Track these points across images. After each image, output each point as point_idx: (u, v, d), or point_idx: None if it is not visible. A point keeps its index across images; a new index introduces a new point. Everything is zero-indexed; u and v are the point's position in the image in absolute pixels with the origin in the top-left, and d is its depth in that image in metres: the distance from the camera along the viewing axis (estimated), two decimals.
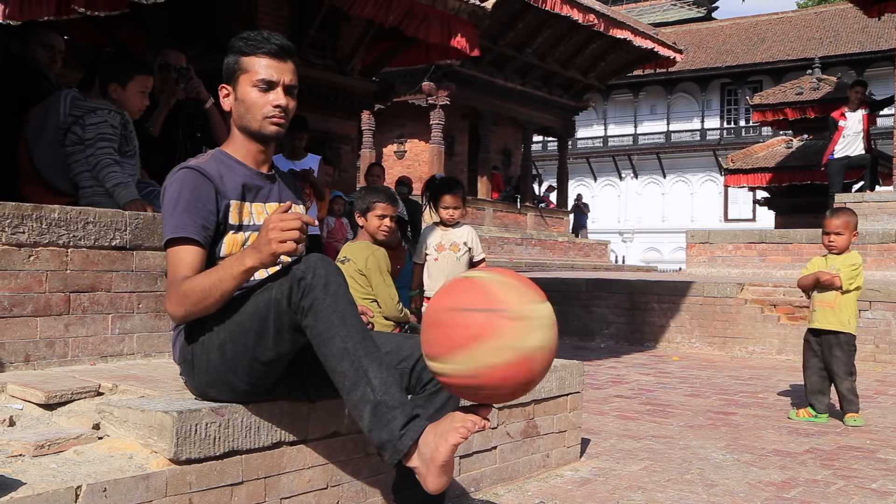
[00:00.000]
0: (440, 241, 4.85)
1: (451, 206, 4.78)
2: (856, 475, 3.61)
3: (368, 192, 4.37)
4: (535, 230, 22.50)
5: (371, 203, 4.23)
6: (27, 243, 2.90)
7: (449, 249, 4.82)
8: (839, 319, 4.79)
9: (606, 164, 41.31)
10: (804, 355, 4.97)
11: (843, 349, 4.78)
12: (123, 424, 2.29)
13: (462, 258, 4.82)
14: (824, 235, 4.90)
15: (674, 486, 3.37)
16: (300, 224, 2.15)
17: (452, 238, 4.84)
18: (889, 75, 20.94)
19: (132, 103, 4.13)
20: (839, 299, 4.78)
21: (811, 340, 4.92)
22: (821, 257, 4.99)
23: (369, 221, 4.24)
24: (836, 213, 4.94)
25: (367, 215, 4.24)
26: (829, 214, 4.94)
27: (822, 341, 4.85)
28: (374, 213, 4.21)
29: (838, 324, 4.79)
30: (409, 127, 22.02)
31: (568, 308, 9.19)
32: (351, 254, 4.21)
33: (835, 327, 4.79)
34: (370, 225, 4.23)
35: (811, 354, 4.91)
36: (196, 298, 2.25)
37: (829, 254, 4.91)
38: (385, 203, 4.22)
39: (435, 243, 4.86)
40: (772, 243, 10.48)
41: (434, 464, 2.06)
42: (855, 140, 11.88)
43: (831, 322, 4.80)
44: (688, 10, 42.79)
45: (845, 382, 4.77)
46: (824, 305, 4.81)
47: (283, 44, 2.44)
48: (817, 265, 4.94)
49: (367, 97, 10.68)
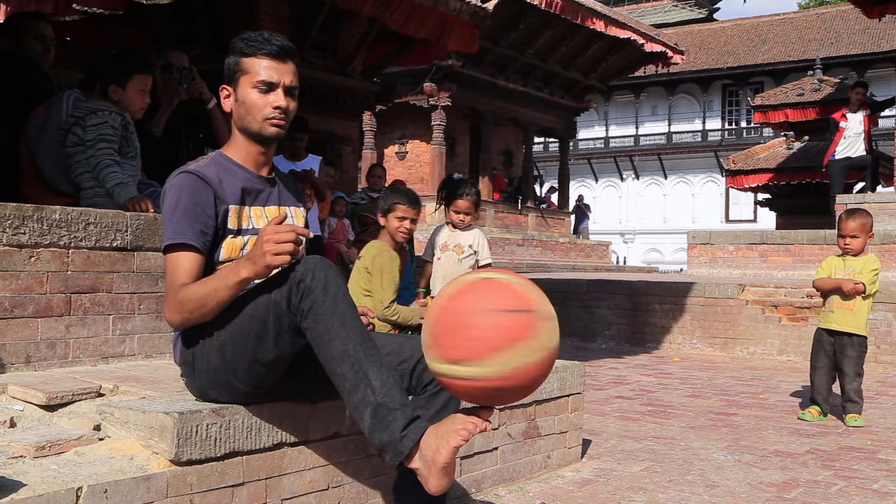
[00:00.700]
0: (446, 240, 4.82)
1: (463, 210, 4.71)
2: (857, 476, 3.60)
3: (391, 193, 4.29)
4: (536, 231, 22.49)
5: (392, 204, 4.17)
6: (28, 244, 2.90)
7: (452, 250, 4.78)
8: (857, 322, 4.79)
9: (608, 165, 41.30)
10: (815, 355, 4.93)
11: (856, 350, 4.78)
12: (124, 425, 2.29)
13: (465, 260, 4.78)
14: (840, 238, 4.86)
15: (675, 486, 3.37)
16: (294, 236, 2.14)
17: (458, 239, 4.80)
18: (890, 76, 20.93)
19: (133, 103, 4.13)
20: (859, 303, 4.77)
21: (825, 340, 4.88)
22: (836, 257, 4.95)
23: (389, 222, 4.18)
24: (851, 214, 4.87)
25: (388, 216, 4.18)
26: (844, 216, 4.87)
27: (836, 341, 4.83)
28: (394, 215, 4.16)
29: (856, 326, 4.79)
30: (411, 128, 22.02)
31: (569, 309, 9.19)
32: (365, 251, 4.20)
33: (852, 329, 4.79)
34: (389, 225, 4.18)
35: (823, 354, 4.88)
36: (193, 306, 2.26)
37: (847, 255, 4.87)
38: (406, 205, 4.15)
39: (441, 242, 4.83)
40: (773, 244, 10.47)
41: (436, 465, 2.06)
42: (856, 141, 11.88)
43: (850, 324, 4.79)
44: (689, 11, 42.81)
45: (853, 383, 4.77)
46: (844, 308, 4.79)
47: (284, 45, 2.44)
48: (833, 265, 4.91)
49: (368, 98, 10.69)
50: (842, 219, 4.87)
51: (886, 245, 9.33)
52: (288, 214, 2.57)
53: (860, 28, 34.13)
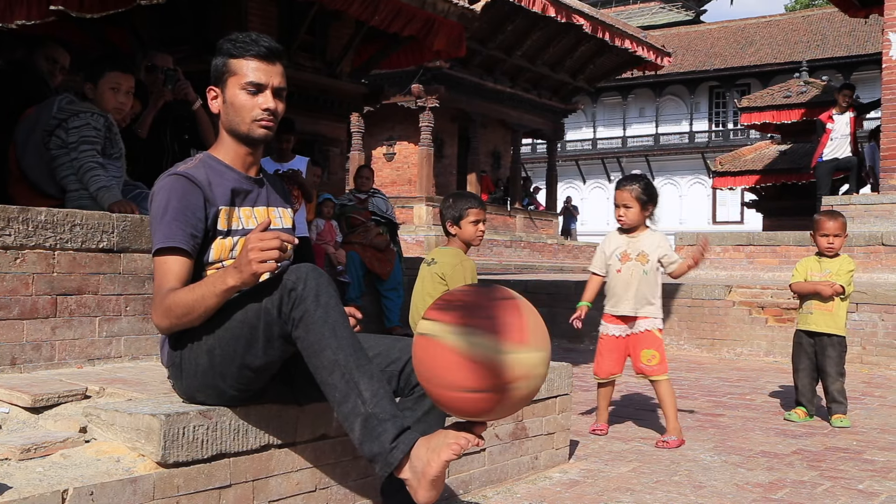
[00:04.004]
0: (625, 249, 4.38)
1: (622, 204, 4.34)
2: (842, 476, 3.62)
3: (458, 199, 4.07)
4: (524, 232, 22.52)
5: (464, 210, 3.98)
6: (13, 246, 2.89)
7: (635, 260, 4.34)
8: (836, 323, 4.80)
9: (595, 167, 41.40)
10: (796, 357, 4.96)
11: (836, 350, 4.80)
12: (111, 428, 2.28)
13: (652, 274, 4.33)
14: (822, 238, 4.84)
15: (662, 487, 3.38)
16: (279, 243, 2.13)
17: (640, 246, 4.36)
18: (876, 79, 21.05)
19: (105, 100, 4.08)
20: (837, 304, 4.79)
21: (804, 342, 4.91)
22: (812, 258, 4.95)
23: (464, 229, 3.99)
24: (831, 215, 4.90)
25: (461, 223, 3.98)
26: (825, 217, 4.88)
27: (816, 342, 4.85)
28: (468, 220, 3.97)
29: (835, 327, 4.81)
30: (399, 129, 22.00)
31: (557, 310, 9.17)
32: (440, 257, 3.99)
33: (832, 330, 4.81)
34: (465, 232, 3.99)
35: (804, 356, 4.90)
36: (180, 312, 2.25)
37: (823, 256, 4.88)
38: (478, 208, 4.00)
39: (618, 252, 4.40)
40: (759, 245, 10.51)
41: (425, 478, 2.07)
42: (843, 143, 11.95)
43: (829, 325, 4.81)
44: (676, 14, 42.98)
45: (836, 383, 4.78)
46: (823, 309, 4.80)
47: (272, 46, 2.43)
48: (809, 267, 4.92)
49: (356, 99, 10.67)
50: (822, 220, 4.86)
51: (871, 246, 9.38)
52: (276, 215, 2.57)
53: (846, 30, 34.35)
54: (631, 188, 4.27)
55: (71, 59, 5.11)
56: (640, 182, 4.31)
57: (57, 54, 4.89)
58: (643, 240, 4.34)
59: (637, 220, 4.31)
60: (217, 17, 8.69)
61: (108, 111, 4.05)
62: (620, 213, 4.32)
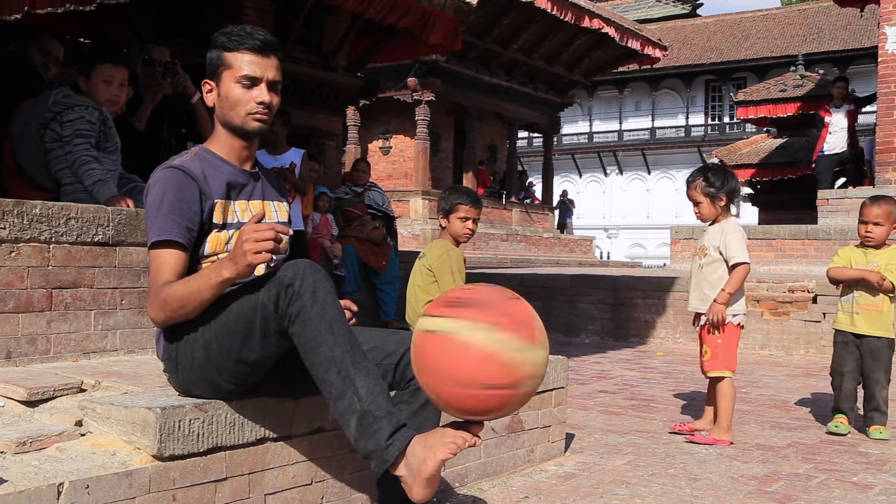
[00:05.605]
0: (702, 242, 4.28)
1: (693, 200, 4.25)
2: (837, 468, 3.64)
3: (452, 193, 4.10)
4: (520, 226, 22.51)
5: (454, 204, 4.00)
6: (8, 239, 2.88)
7: (697, 254, 4.29)
8: (885, 324, 4.36)
9: (591, 161, 41.41)
10: (839, 359, 4.46)
11: (886, 354, 4.38)
12: (106, 421, 2.28)
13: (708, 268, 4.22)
14: (861, 225, 4.39)
15: (657, 480, 3.39)
16: (274, 234, 2.13)
17: (703, 239, 4.27)
18: (872, 72, 21.06)
19: (98, 93, 4.07)
20: (886, 303, 4.36)
21: (850, 343, 4.43)
22: (856, 249, 4.50)
23: (452, 223, 4.01)
24: (876, 200, 4.40)
25: (450, 217, 4.01)
26: (868, 201, 4.41)
27: (862, 344, 4.40)
28: (456, 215, 3.99)
29: (885, 329, 4.36)
30: (395, 123, 21.96)
31: (553, 304, 9.21)
32: (428, 250, 4.04)
33: (881, 332, 4.36)
34: (453, 227, 4.01)
35: (850, 359, 4.42)
36: (175, 305, 2.25)
37: (868, 247, 4.42)
38: (468, 205, 3.99)
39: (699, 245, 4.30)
40: (755, 239, 10.52)
41: (421, 475, 2.07)
42: (842, 136, 11.95)
43: (879, 328, 4.36)
44: (672, 7, 42.90)
45: (884, 391, 4.35)
46: (871, 309, 4.35)
47: (267, 39, 2.42)
48: (852, 258, 4.47)
49: (352, 93, 10.65)
50: (865, 204, 4.40)
51: None
52: (272, 209, 2.56)
53: (842, 24, 34.35)
54: (695, 184, 4.21)
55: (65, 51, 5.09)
56: (702, 176, 4.21)
57: (51, 46, 4.87)
58: (710, 233, 4.25)
59: (712, 214, 4.22)
60: (212, 11, 8.67)
61: (101, 104, 4.04)
62: (695, 210, 4.25)
